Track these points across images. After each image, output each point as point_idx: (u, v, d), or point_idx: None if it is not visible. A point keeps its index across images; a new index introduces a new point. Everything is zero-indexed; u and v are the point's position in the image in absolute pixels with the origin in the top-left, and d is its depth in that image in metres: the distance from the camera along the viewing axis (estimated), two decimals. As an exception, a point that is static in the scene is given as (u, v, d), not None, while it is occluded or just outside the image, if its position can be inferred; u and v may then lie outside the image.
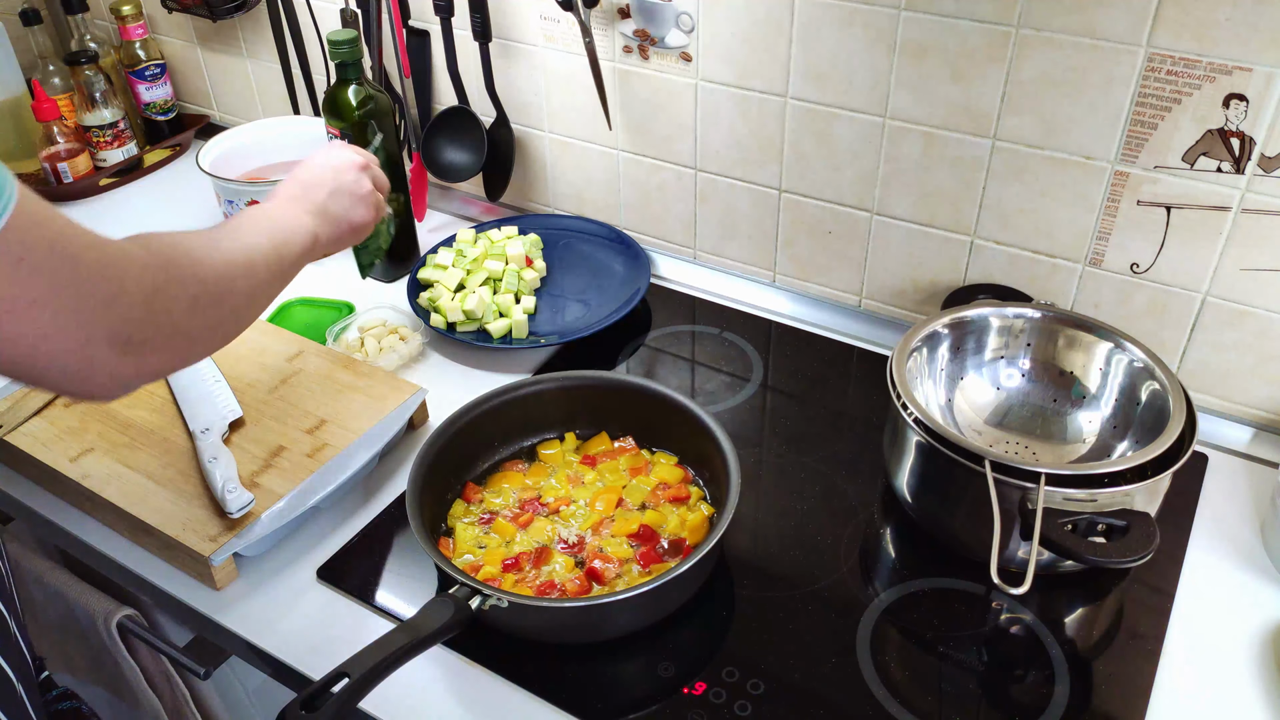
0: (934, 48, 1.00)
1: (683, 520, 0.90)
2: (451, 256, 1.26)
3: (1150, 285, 1.01)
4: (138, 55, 1.55)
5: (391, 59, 1.33)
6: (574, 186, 1.35)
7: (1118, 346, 0.94)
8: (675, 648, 0.84)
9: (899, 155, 1.08)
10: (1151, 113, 0.92)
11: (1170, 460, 0.82)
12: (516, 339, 1.18)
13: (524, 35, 1.25)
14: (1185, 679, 0.81)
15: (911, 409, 0.87)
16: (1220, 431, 1.03)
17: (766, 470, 1.03)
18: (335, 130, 1.18)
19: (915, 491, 0.92)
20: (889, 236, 1.14)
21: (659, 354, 1.19)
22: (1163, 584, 0.89)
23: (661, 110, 1.21)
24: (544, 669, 0.82)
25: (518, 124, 1.34)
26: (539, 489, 0.95)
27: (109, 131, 1.51)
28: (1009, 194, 1.04)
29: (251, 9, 1.47)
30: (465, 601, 0.77)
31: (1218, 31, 0.86)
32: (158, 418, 1.01)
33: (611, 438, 1.00)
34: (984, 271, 1.10)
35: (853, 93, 1.07)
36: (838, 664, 0.82)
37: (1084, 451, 0.95)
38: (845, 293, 1.22)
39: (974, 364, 1.00)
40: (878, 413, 1.06)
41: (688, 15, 1.12)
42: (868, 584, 0.90)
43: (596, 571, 0.86)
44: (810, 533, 0.94)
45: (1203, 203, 0.94)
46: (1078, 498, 0.80)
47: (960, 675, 0.82)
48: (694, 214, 1.27)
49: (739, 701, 0.79)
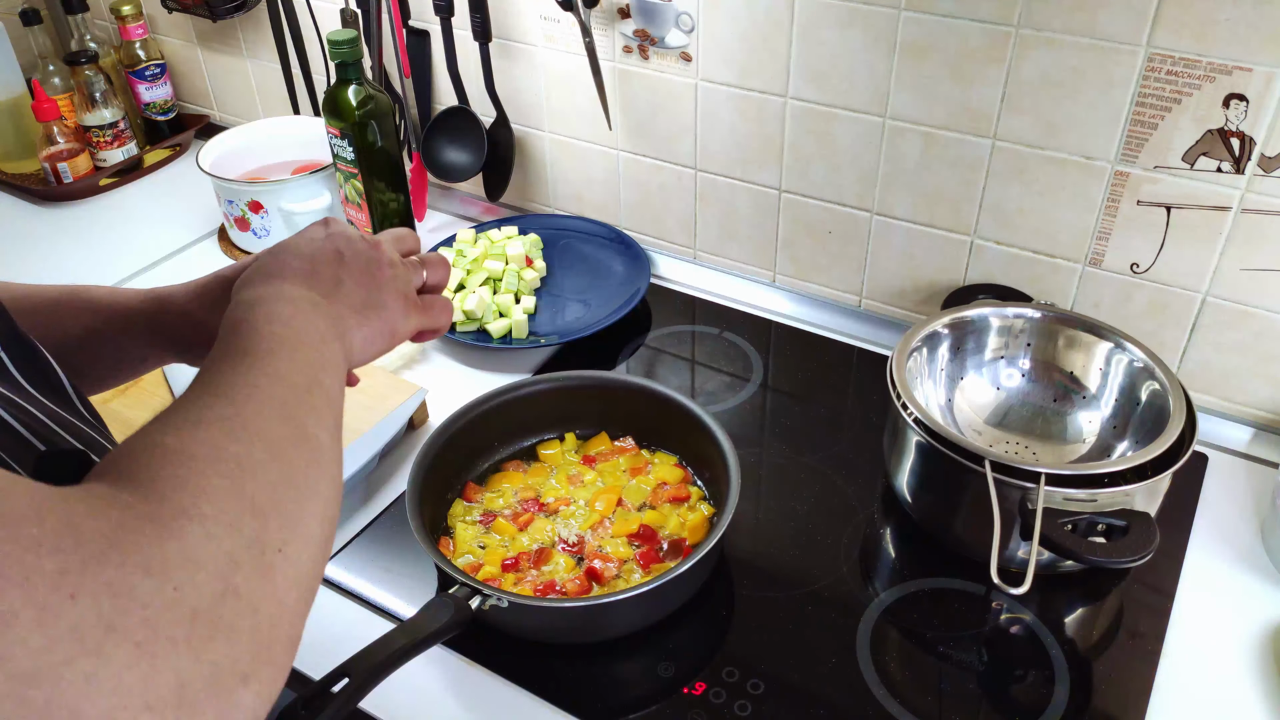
0: (934, 48, 1.00)
1: (683, 520, 0.90)
2: (451, 256, 1.26)
3: (1150, 285, 1.01)
4: (138, 55, 1.55)
5: (391, 59, 1.33)
6: (574, 186, 1.35)
7: (1118, 346, 0.94)
8: (675, 648, 0.84)
9: (899, 155, 1.08)
10: (1151, 113, 0.92)
11: (1170, 460, 0.82)
12: (516, 339, 1.18)
13: (524, 35, 1.25)
14: (1185, 679, 0.81)
15: (911, 409, 0.87)
16: (1220, 431, 1.03)
17: (766, 470, 1.02)
18: (335, 130, 1.18)
19: (915, 491, 0.92)
20: (889, 236, 1.14)
21: (659, 354, 1.19)
22: (1163, 584, 0.89)
23: (661, 110, 1.21)
24: (544, 669, 0.82)
25: (518, 124, 1.34)
26: (539, 489, 0.95)
27: (109, 131, 1.51)
28: (1009, 194, 1.04)
29: (251, 9, 1.47)
30: (465, 601, 0.77)
31: (1218, 31, 0.86)
32: (158, 418, 1.01)
33: (611, 438, 1.00)
34: (984, 271, 1.10)
35: (853, 93, 1.07)
36: (838, 664, 0.82)
37: (1084, 451, 0.95)
38: (845, 293, 1.22)
39: (974, 364, 1.00)
40: (878, 413, 1.06)
41: (688, 15, 1.12)
42: (868, 584, 0.90)
43: (596, 571, 0.86)
44: (810, 533, 0.94)
45: (1203, 203, 0.94)
46: (1078, 498, 0.80)
47: (960, 675, 0.82)
48: (694, 214, 1.27)
49: (739, 701, 0.79)
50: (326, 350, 0.53)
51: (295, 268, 0.58)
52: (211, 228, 1.43)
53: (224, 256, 1.37)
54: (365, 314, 0.58)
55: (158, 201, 1.51)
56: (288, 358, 0.50)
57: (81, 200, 1.51)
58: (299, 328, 0.52)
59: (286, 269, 0.57)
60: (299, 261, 0.58)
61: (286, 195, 1.30)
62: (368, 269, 0.60)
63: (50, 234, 1.43)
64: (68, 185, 1.49)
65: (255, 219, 1.32)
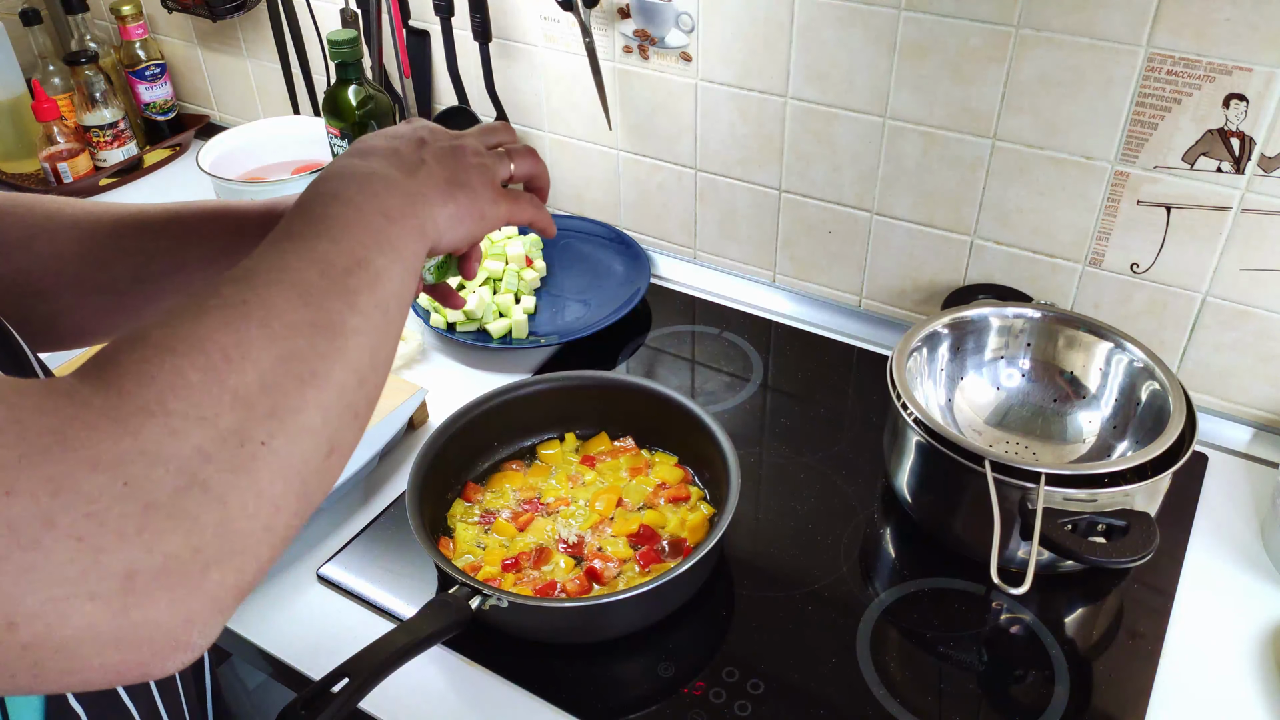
0: (934, 48, 1.00)
1: (683, 520, 0.90)
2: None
3: (1150, 285, 1.01)
4: (138, 55, 1.55)
5: (391, 59, 1.33)
6: (574, 186, 1.35)
7: (1118, 346, 0.94)
8: (675, 648, 0.84)
9: (899, 155, 1.08)
10: (1151, 113, 0.92)
11: (1170, 460, 0.82)
12: (516, 339, 1.18)
13: (524, 35, 1.25)
14: (1185, 679, 0.81)
15: (911, 409, 0.87)
16: (1220, 431, 1.03)
17: (766, 470, 1.02)
18: (335, 130, 1.18)
19: (915, 491, 0.92)
20: (889, 236, 1.14)
21: (659, 354, 1.19)
22: (1163, 584, 0.89)
23: (661, 110, 1.21)
24: (544, 669, 0.82)
25: (518, 124, 1.33)
26: (539, 489, 0.95)
27: (109, 131, 1.51)
28: (1009, 194, 1.04)
29: (251, 9, 1.47)
30: (465, 601, 0.77)
31: (1218, 31, 0.86)
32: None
33: (611, 438, 1.00)
34: (984, 271, 1.10)
35: (853, 93, 1.07)
36: (838, 664, 0.82)
37: (1084, 451, 0.95)
38: (845, 293, 1.22)
39: (974, 364, 1.00)
40: (878, 413, 1.06)
41: (688, 15, 1.12)
42: (868, 584, 0.90)
43: (596, 571, 0.86)
44: (810, 533, 0.94)
45: (1203, 203, 0.94)
46: (1078, 498, 0.80)
47: (960, 675, 0.82)
48: (694, 214, 1.27)
49: (739, 701, 0.79)
50: (391, 229, 0.51)
51: (375, 147, 0.57)
52: (211, 228, 1.43)
53: (224, 256, 1.37)
54: (450, 191, 0.57)
55: (158, 201, 1.51)
56: (334, 239, 0.48)
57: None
58: (360, 205, 0.51)
59: (367, 149, 0.57)
60: (380, 141, 0.58)
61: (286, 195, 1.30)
62: (452, 152, 0.59)
63: (50, 234, 1.43)
64: (68, 185, 1.49)
65: (255, 219, 1.31)
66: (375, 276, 0.48)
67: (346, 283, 0.47)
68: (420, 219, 0.54)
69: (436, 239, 0.56)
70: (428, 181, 0.56)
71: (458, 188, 0.58)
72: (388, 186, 0.54)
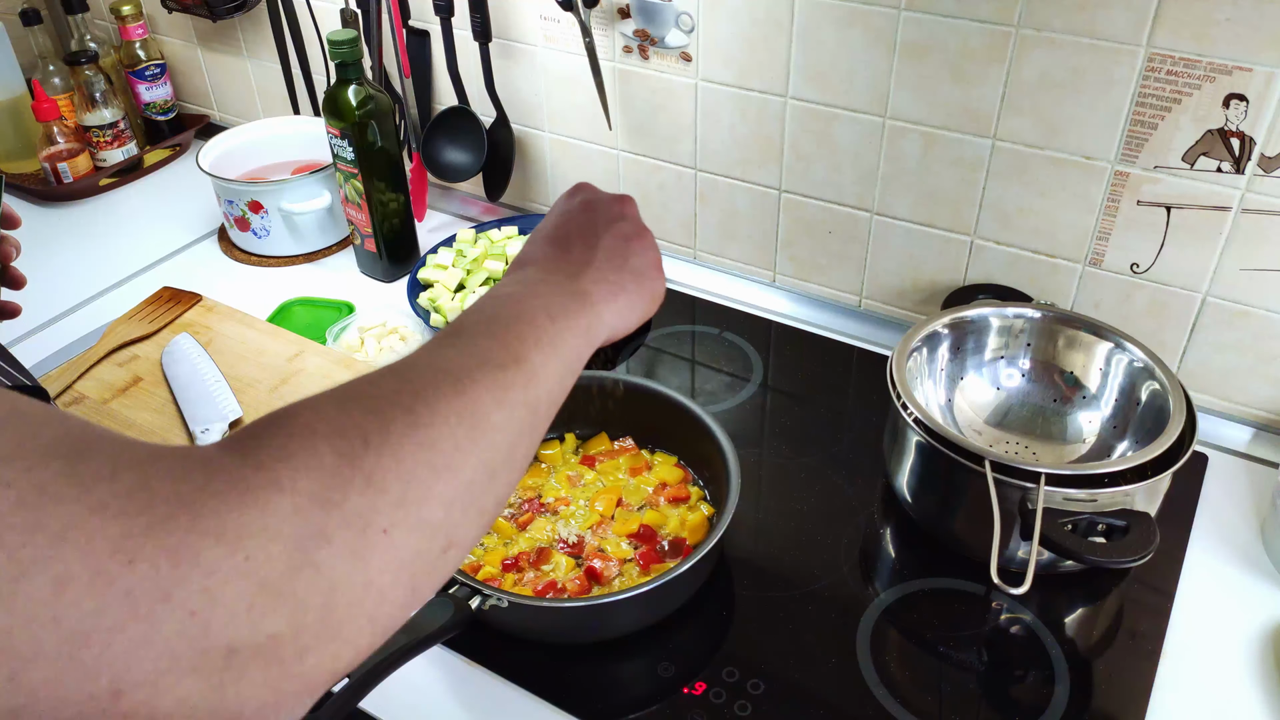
0: (934, 48, 1.00)
1: (683, 520, 0.90)
2: (451, 256, 1.26)
3: (1150, 285, 1.01)
4: (138, 55, 1.55)
5: (391, 59, 1.33)
6: (574, 186, 1.35)
7: (1118, 346, 0.94)
8: (675, 648, 0.84)
9: (899, 155, 1.08)
10: (1151, 113, 0.92)
11: (1170, 460, 0.82)
12: (516, 339, 1.17)
13: (524, 35, 1.25)
14: (1185, 679, 0.81)
15: (911, 409, 0.87)
16: (1220, 431, 1.03)
17: (766, 470, 1.03)
18: (335, 130, 1.18)
19: (915, 491, 0.92)
20: (889, 236, 1.14)
21: (659, 354, 1.19)
22: (1163, 584, 0.89)
23: (661, 110, 1.21)
24: (544, 669, 0.82)
25: (518, 124, 1.34)
26: (539, 489, 0.95)
27: (109, 131, 1.51)
28: (1009, 194, 1.04)
29: (251, 9, 1.47)
30: (465, 601, 0.77)
31: (1218, 31, 0.86)
32: (158, 418, 1.01)
33: (611, 438, 1.00)
34: (984, 271, 1.10)
35: (853, 93, 1.07)
36: (838, 664, 0.82)
37: (1084, 451, 0.95)
38: (845, 293, 1.22)
39: (974, 364, 1.00)
40: (878, 413, 1.06)
41: (688, 15, 1.12)
42: (868, 584, 0.90)
43: (596, 571, 0.86)
44: (810, 533, 0.94)
45: (1203, 203, 0.94)
46: (1078, 498, 0.80)
47: (960, 675, 0.82)
48: (694, 214, 1.27)
49: (739, 701, 0.79)
50: (553, 327, 0.52)
51: (544, 249, 0.59)
52: (211, 228, 1.43)
53: (223, 257, 1.37)
54: (619, 283, 0.58)
55: (158, 201, 1.51)
56: (494, 334, 0.49)
57: (81, 200, 1.51)
58: (525, 303, 0.52)
59: (535, 251, 0.59)
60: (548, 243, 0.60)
61: (286, 195, 1.30)
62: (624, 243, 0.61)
63: (50, 234, 1.43)
64: (68, 185, 1.49)
65: (255, 219, 1.32)
66: (531, 374, 0.48)
67: (499, 377, 0.46)
68: (587, 318, 0.55)
69: (608, 335, 0.58)
70: (596, 279, 0.57)
71: (628, 277, 0.59)
72: (553, 288, 0.55)
